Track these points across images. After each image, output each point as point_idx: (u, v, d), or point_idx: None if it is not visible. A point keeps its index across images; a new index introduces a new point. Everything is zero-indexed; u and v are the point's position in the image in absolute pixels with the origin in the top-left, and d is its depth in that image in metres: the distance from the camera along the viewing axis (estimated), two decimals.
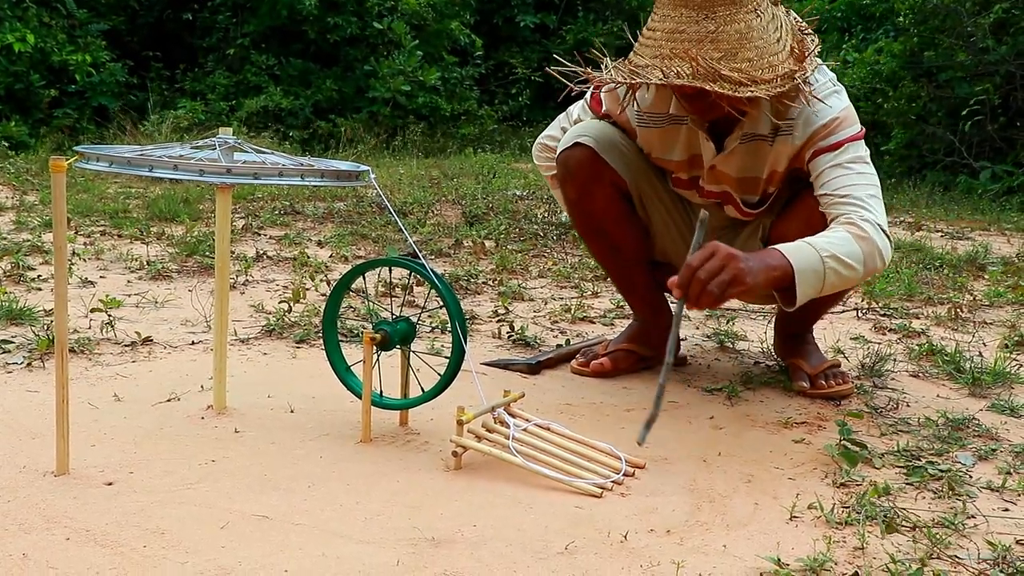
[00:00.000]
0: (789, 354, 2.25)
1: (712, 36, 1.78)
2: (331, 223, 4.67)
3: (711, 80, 1.75)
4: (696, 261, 1.64)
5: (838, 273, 1.77)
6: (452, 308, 1.70)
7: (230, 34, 10.14)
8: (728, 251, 1.64)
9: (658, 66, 1.79)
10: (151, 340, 2.41)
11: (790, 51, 1.85)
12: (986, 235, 5.14)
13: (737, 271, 1.63)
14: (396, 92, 9.91)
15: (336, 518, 1.41)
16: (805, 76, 1.83)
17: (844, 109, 1.95)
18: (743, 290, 1.65)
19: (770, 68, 1.80)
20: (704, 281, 1.62)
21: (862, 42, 9.44)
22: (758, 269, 1.68)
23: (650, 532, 1.39)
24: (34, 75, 8.65)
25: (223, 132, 1.80)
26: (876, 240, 1.82)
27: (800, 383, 2.14)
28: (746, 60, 1.78)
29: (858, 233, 1.81)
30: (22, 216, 4.45)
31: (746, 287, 1.64)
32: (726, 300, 1.65)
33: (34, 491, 1.47)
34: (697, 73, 1.75)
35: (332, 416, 1.89)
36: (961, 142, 7.40)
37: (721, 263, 1.63)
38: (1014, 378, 2.27)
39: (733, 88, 1.75)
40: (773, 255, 1.74)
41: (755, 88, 1.76)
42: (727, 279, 1.62)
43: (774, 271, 1.71)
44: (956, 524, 1.42)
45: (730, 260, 1.63)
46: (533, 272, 3.63)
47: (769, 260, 1.72)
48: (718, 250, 1.64)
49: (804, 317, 2.22)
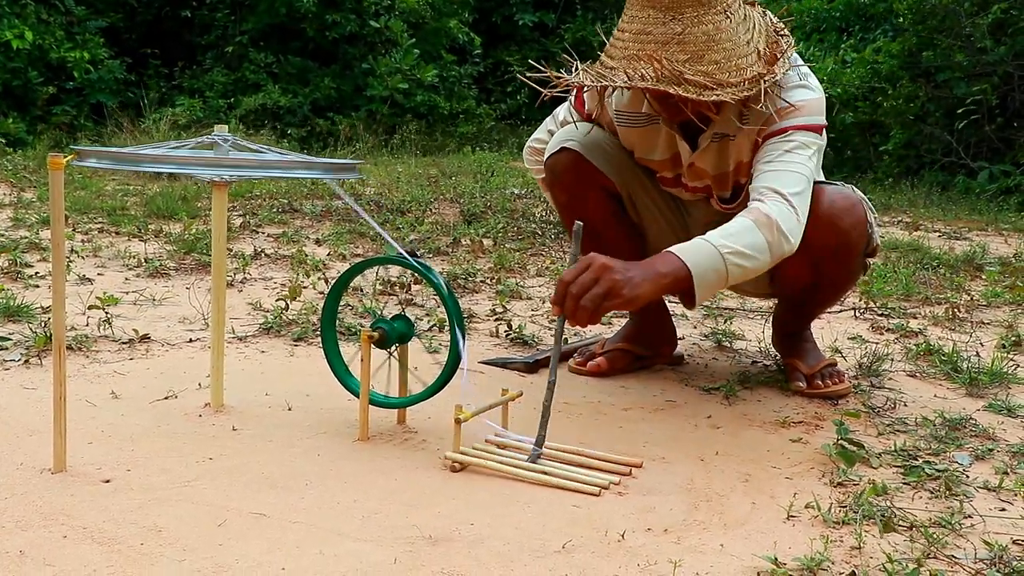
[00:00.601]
0: (787, 352, 2.24)
1: (679, 38, 1.76)
2: (329, 221, 4.67)
3: (675, 84, 1.73)
4: (569, 276, 1.61)
5: (741, 267, 1.73)
6: (449, 304, 1.70)
7: (228, 31, 10.14)
8: (602, 262, 1.61)
9: (624, 68, 1.78)
10: (149, 337, 2.41)
11: (760, 53, 1.83)
12: (984, 235, 5.15)
13: (612, 283, 1.59)
14: (394, 90, 9.91)
15: (333, 516, 1.41)
16: (774, 79, 1.81)
17: (804, 100, 1.91)
18: (621, 302, 1.61)
19: (737, 71, 1.78)
20: (577, 296, 1.59)
21: (860, 42, 9.44)
22: (640, 279, 1.63)
23: (647, 531, 1.39)
24: (32, 72, 8.64)
25: (219, 130, 1.80)
26: (780, 223, 1.76)
27: (797, 383, 2.13)
28: (713, 63, 1.76)
29: (761, 220, 1.76)
30: (20, 213, 4.45)
31: (624, 299, 1.60)
32: (604, 313, 1.61)
33: (31, 488, 1.47)
34: (661, 76, 1.73)
35: (329, 414, 1.89)
36: (958, 142, 7.41)
37: (594, 276, 1.59)
38: (1011, 378, 2.27)
39: (697, 92, 1.74)
40: (665, 261, 1.69)
41: (720, 92, 1.75)
42: (601, 292, 1.59)
43: (664, 278, 1.67)
44: (953, 524, 1.42)
45: (604, 272, 1.60)
46: (531, 271, 3.63)
47: (659, 267, 1.68)
48: (593, 262, 1.61)
49: (802, 316, 2.23)
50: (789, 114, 1.88)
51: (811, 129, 1.90)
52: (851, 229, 1.98)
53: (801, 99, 1.90)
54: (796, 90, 1.91)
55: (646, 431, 1.85)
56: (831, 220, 1.95)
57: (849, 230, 1.97)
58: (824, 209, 1.94)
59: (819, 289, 2.09)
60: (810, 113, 1.90)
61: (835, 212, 1.96)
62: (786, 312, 2.25)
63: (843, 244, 1.99)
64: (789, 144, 1.87)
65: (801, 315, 2.23)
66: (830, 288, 2.12)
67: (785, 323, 2.26)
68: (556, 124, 2.29)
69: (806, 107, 1.90)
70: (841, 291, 2.17)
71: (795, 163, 1.86)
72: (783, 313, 2.26)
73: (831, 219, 1.95)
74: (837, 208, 1.97)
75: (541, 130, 2.34)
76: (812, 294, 2.11)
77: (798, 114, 1.89)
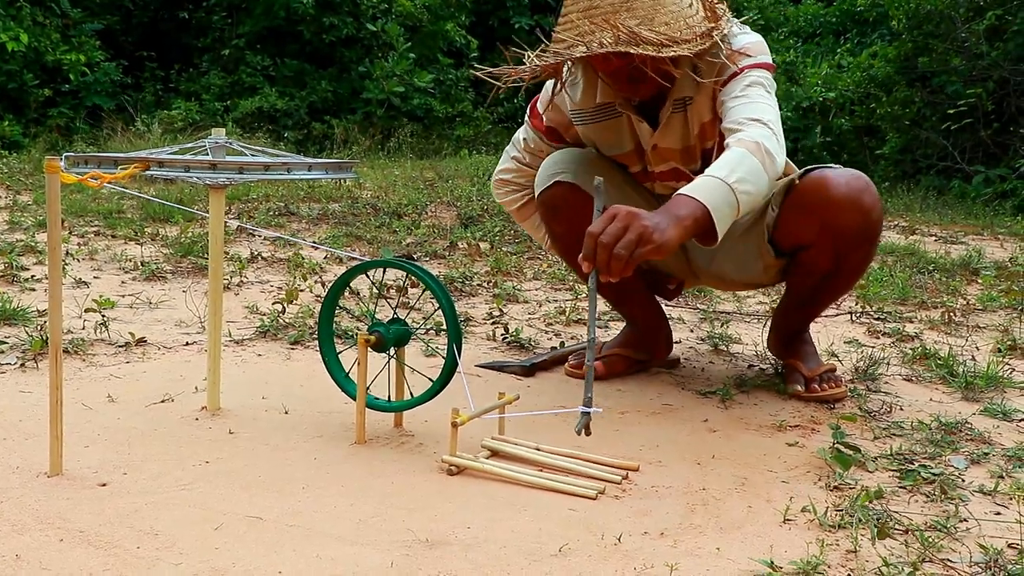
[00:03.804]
0: (786, 354, 2.23)
1: (627, 5, 1.81)
2: (326, 224, 4.66)
3: (634, 44, 1.77)
4: (597, 227, 1.58)
5: (748, 194, 1.72)
6: (445, 308, 1.70)
7: (225, 34, 10.14)
8: (629, 211, 1.59)
9: (580, 41, 1.81)
10: (145, 341, 2.41)
11: (704, 10, 1.89)
12: (979, 239, 5.16)
13: (643, 229, 1.56)
14: (390, 94, 9.91)
15: (330, 520, 1.41)
16: (723, 32, 1.88)
17: (748, 44, 1.96)
18: (653, 248, 1.57)
19: (688, 29, 1.84)
20: (609, 245, 1.56)
21: (857, 46, 9.46)
22: (666, 224, 1.60)
23: (644, 534, 1.39)
24: (27, 74, 8.63)
25: (216, 133, 1.80)
26: (765, 143, 1.77)
27: (795, 385, 2.13)
28: (663, 24, 1.81)
29: (750, 146, 1.76)
30: (15, 216, 4.44)
31: (655, 245, 1.57)
32: (637, 262, 1.57)
33: (27, 492, 1.47)
34: (619, 39, 1.77)
35: (326, 417, 1.89)
36: (954, 146, 7.43)
37: (624, 224, 1.57)
38: (1007, 382, 2.28)
39: (656, 49, 1.78)
40: (681, 204, 1.65)
41: (677, 48, 1.80)
42: (633, 238, 1.55)
43: (685, 220, 1.63)
44: (948, 528, 1.42)
45: (633, 219, 1.57)
46: (528, 274, 3.63)
47: (677, 211, 1.64)
48: (619, 212, 1.58)
49: (808, 310, 2.21)
50: (740, 58, 1.94)
51: (761, 67, 1.95)
52: (873, 207, 1.97)
53: (747, 43, 1.96)
54: (739, 37, 1.97)
55: (642, 435, 1.85)
56: (853, 200, 1.95)
57: (872, 208, 1.97)
58: (843, 191, 1.95)
59: (837, 275, 2.06)
60: (758, 53, 1.96)
61: (856, 191, 1.95)
62: (792, 308, 2.21)
63: (868, 224, 1.97)
64: (748, 80, 1.92)
65: (808, 310, 2.21)
66: (847, 275, 2.07)
67: (788, 322, 2.24)
68: (518, 150, 2.31)
69: (752, 48, 1.96)
70: (855, 278, 2.12)
71: (758, 96, 1.90)
72: (788, 310, 2.23)
73: (853, 199, 1.95)
74: (856, 188, 1.96)
75: (505, 159, 2.35)
76: (828, 282, 2.09)
77: (747, 56, 1.95)
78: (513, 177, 2.34)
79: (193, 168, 1.59)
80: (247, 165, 1.61)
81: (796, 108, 8.39)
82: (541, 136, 2.23)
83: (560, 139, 2.22)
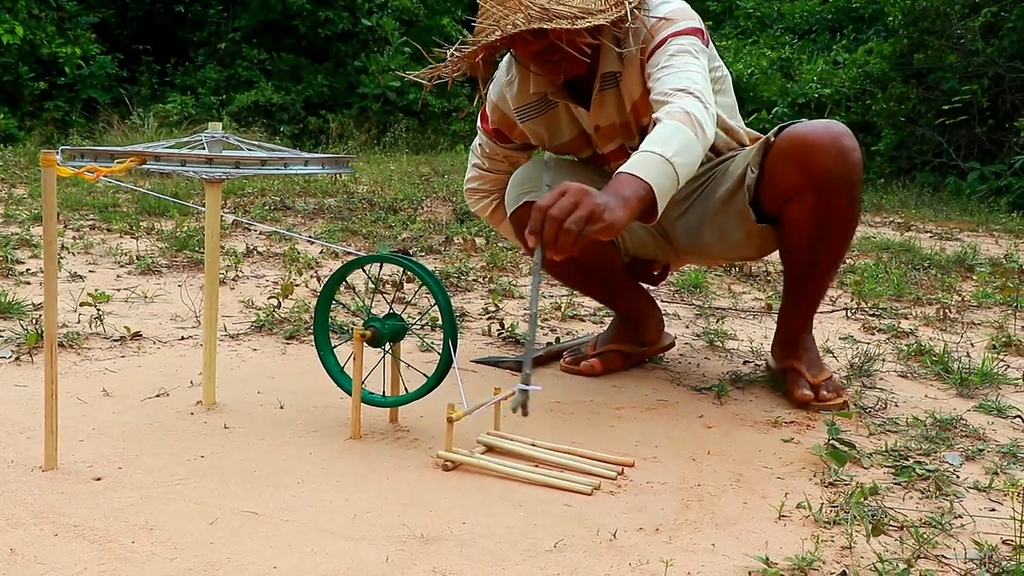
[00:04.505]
0: (789, 358, 2.14)
1: None
2: (322, 219, 4.66)
3: (546, 20, 1.79)
4: (546, 201, 1.55)
5: (684, 166, 1.70)
6: (440, 301, 1.70)
7: (221, 28, 10.12)
8: (580, 187, 1.56)
9: (495, 27, 1.83)
10: (140, 335, 2.41)
11: None
12: (974, 236, 5.17)
13: (593, 207, 1.54)
14: (385, 88, 9.91)
15: (325, 515, 1.41)
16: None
17: (671, 11, 1.95)
18: (603, 227, 1.54)
19: (602, 0, 1.85)
20: (558, 219, 1.52)
21: (852, 43, 9.47)
22: (616, 204, 1.57)
23: (639, 531, 1.39)
24: (23, 67, 8.62)
25: (212, 127, 1.80)
26: (695, 113, 1.76)
27: (803, 391, 2.03)
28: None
29: (680, 117, 1.74)
30: (10, 209, 4.43)
31: (606, 224, 1.54)
32: (586, 240, 1.54)
33: (22, 486, 1.46)
34: (531, 18, 1.79)
35: (322, 412, 1.89)
36: (949, 143, 7.44)
37: (574, 200, 1.54)
38: (1001, 379, 2.28)
39: (570, 22, 1.79)
40: (624, 183, 1.63)
41: (591, 18, 1.81)
42: (584, 214, 1.53)
43: (631, 200, 1.61)
44: (943, 524, 1.42)
45: (583, 196, 1.54)
46: (523, 269, 3.63)
47: (623, 191, 1.61)
48: (569, 188, 1.56)
49: (806, 309, 2.13)
50: (661, 27, 1.93)
51: (686, 33, 1.93)
52: (852, 149, 1.91)
53: (668, 11, 1.95)
54: (660, 6, 1.96)
55: (638, 430, 1.85)
56: (832, 140, 1.90)
57: (851, 149, 1.91)
58: (821, 133, 1.91)
59: (826, 229, 1.97)
60: (681, 19, 1.95)
61: (834, 134, 1.91)
62: (791, 292, 2.13)
63: (848, 165, 1.90)
64: (671, 49, 1.90)
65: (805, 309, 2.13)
66: (836, 228, 1.98)
67: (791, 322, 2.14)
68: (477, 157, 2.33)
69: (674, 15, 1.95)
70: (844, 234, 2.02)
71: (685, 64, 1.88)
72: (788, 296, 2.15)
73: (832, 140, 1.90)
74: (834, 131, 1.92)
75: (469, 169, 2.38)
76: (821, 240, 2.00)
77: (669, 24, 1.93)
78: (478, 185, 2.37)
79: (189, 162, 1.59)
80: (243, 160, 1.60)
81: (792, 104, 8.40)
82: (492, 139, 2.25)
83: (507, 140, 2.24)
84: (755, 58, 9.13)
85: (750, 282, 3.62)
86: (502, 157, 2.27)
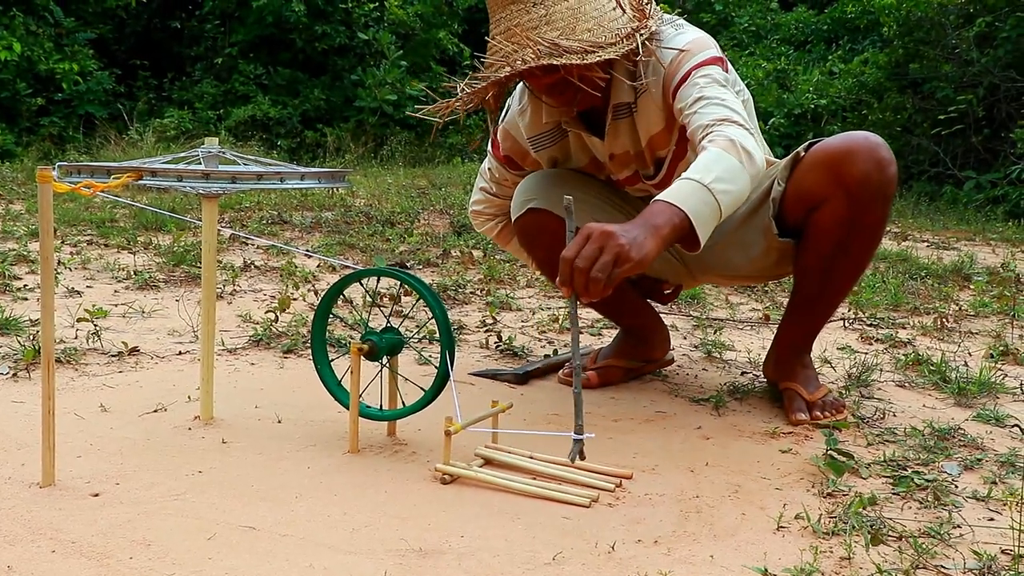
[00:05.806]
0: (785, 376, 2.10)
1: (545, 19, 1.80)
2: (319, 232, 4.66)
3: (555, 56, 1.77)
4: (571, 252, 1.52)
5: (728, 193, 1.65)
6: (438, 315, 1.70)
7: (218, 43, 10.14)
8: (603, 229, 1.53)
9: (505, 62, 1.81)
10: (138, 350, 2.41)
11: (629, 13, 1.87)
12: (971, 245, 5.17)
13: (619, 249, 1.51)
14: (382, 102, 9.93)
15: (323, 529, 1.40)
16: (649, 31, 1.86)
17: (688, 43, 1.91)
18: (631, 266, 1.51)
19: (612, 33, 1.83)
20: (585, 269, 1.49)
21: (848, 53, 9.50)
22: (644, 238, 1.54)
23: (638, 542, 1.39)
24: (20, 83, 8.63)
25: (209, 142, 1.80)
26: (742, 142, 1.71)
27: (799, 414, 2.00)
28: (586, 31, 1.81)
29: (725, 145, 1.70)
30: (8, 225, 4.44)
31: (634, 262, 1.51)
32: (616, 281, 1.52)
33: (19, 502, 1.46)
34: (540, 53, 1.77)
35: (319, 427, 1.89)
36: (946, 153, 7.46)
37: (598, 245, 1.50)
38: (999, 388, 2.28)
39: (580, 57, 1.77)
40: (657, 211, 1.59)
41: (602, 52, 1.79)
42: (609, 260, 1.49)
43: (663, 229, 1.57)
44: (942, 534, 1.42)
45: (607, 239, 1.51)
46: (521, 282, 3.63)
47: (656, 220, 1.58)
48: (592, 232, 1.53)
49: (810, 329, 2.10)
50: (682, 60, 1.90)
51: (708, 63, 1.89)
52: (890, 162, 1.88)
53: (685, 42, 1.92)
54: (676, 38, 1.93)
55: (636, 442, 1.85)
56: (871, 150, 1.86)
57: (888, 162, 1.87)
58: (860, 142, 1.87)
59: (853, 243, 1.93)
60: (699, 50, 1.91)
61: (873, 144, 1.87)
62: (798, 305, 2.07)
63: (884, 178, 1.87)
64: (700, 82, 1.86)
65: (809, 328, 2.09)
66: (863, 242, 1.94)
67: (793, 336, 2.11)
68: (486, 181, 2.33)
69: (692, 47, 1.91)
70: (870, 248, 1.98)
71: (717, 95, 1.83)
72: (790, 325, 2.12)
73: (871, 149, 1.86)
74: (873, 142, 1.88)
75: (475, 190, 2.38)
76: (843, 255, 1.94)
77: (689, 56, 1.90)
78: (484, 208, 2.38)
79: (186, 177, 1.59)
80: (240, 175, 1.61)
81: (788, 115, 8.42)
82: (503, 165, 2.25)
83: (518, 167, 2.23)
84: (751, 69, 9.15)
85: (747, 293, 3.63)
86: (511, 184, 2.25)
